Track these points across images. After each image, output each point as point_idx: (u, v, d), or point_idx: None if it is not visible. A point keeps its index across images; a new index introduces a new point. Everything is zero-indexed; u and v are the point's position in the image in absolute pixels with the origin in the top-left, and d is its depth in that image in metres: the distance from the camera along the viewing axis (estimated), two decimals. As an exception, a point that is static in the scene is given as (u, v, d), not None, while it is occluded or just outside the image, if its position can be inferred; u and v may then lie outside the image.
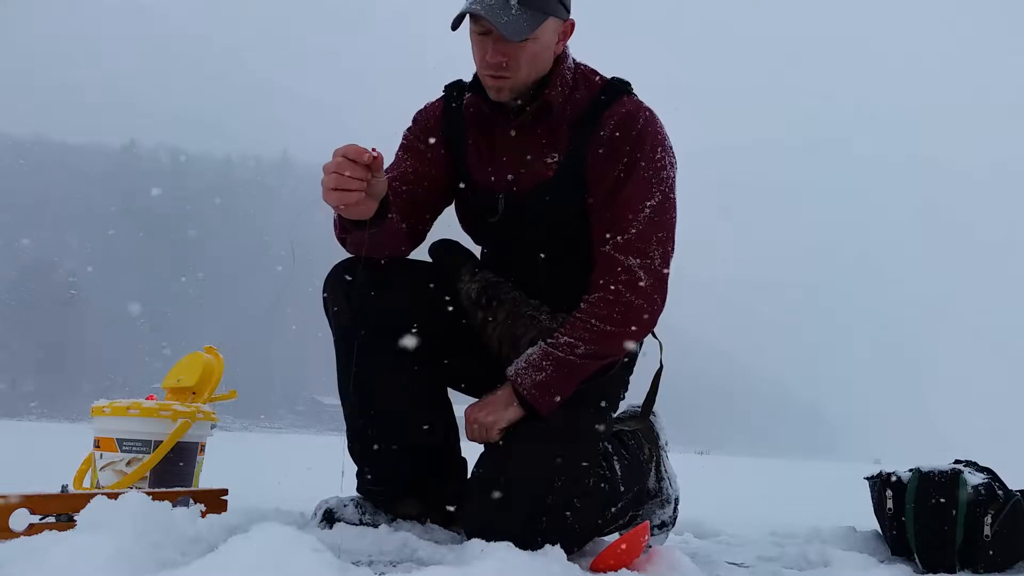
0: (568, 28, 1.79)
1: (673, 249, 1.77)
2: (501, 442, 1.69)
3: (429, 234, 1.93)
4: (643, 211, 1.72)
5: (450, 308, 1.84)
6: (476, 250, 1.99)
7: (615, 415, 1.99)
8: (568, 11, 1.77)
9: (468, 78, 1.89)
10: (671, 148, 1.80)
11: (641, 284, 1.69)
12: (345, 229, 1.68)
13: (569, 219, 1.79)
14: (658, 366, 1.96)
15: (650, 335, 1.92)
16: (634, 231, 1.71)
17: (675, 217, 1.78)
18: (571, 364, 1.67)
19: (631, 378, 1.96)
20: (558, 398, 1.67)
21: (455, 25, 1.69)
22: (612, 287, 1.69)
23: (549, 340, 1.70)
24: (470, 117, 1.85)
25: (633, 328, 1.72)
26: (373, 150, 1.51)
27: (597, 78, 1.84)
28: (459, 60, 1.86)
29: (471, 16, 1.68)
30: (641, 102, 1.81)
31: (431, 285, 1.84)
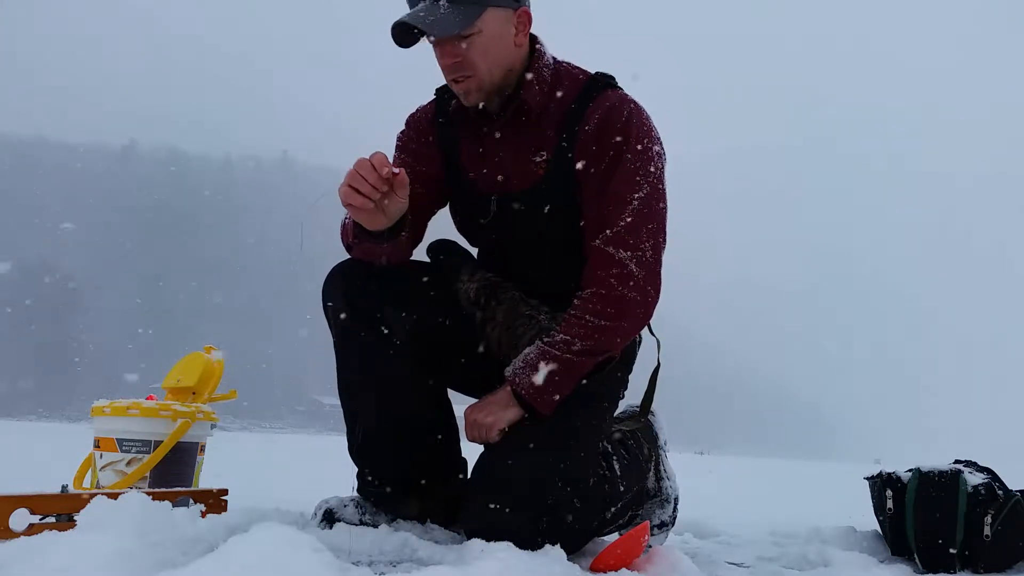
0: (523, 16, 1.74)
1: (665, 241, 1.75)
2: (500, 443, 1.69)
3: (426, 235, 1.94)
4: (631, 204, 1.71)
5: (449, 308, 1.84)
6: (473, 251, 1.99)
7: (614, 415, 1.99)
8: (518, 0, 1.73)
9: None
10: (658, 139, 1.79)
11: (633, 277, 1.69)
12: (357, 237, 1.70)
13: (561, 217, 1.79)
14: (656, 364, 1.96)
15: (648, 333, 1.92)
16: (623, 224, 1.70)
17: (665, 208, 1.76)
18: (568, 362, 1.66)
19: (630, 376, 1.95)
20: (557, 397, 1.67)
21: (404, 44, 1.69)
22: (604, 282, 1.69)
23: (546, 339, 1.70)
24: (460, 120, 1.86)
25: (628, 322, 1.71)
26: (395, 167, 1.57)
27: (580, 74, 1.83)
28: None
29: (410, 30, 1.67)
30: (626, 95, 1.80)
31: (430, 286, 1.84)
